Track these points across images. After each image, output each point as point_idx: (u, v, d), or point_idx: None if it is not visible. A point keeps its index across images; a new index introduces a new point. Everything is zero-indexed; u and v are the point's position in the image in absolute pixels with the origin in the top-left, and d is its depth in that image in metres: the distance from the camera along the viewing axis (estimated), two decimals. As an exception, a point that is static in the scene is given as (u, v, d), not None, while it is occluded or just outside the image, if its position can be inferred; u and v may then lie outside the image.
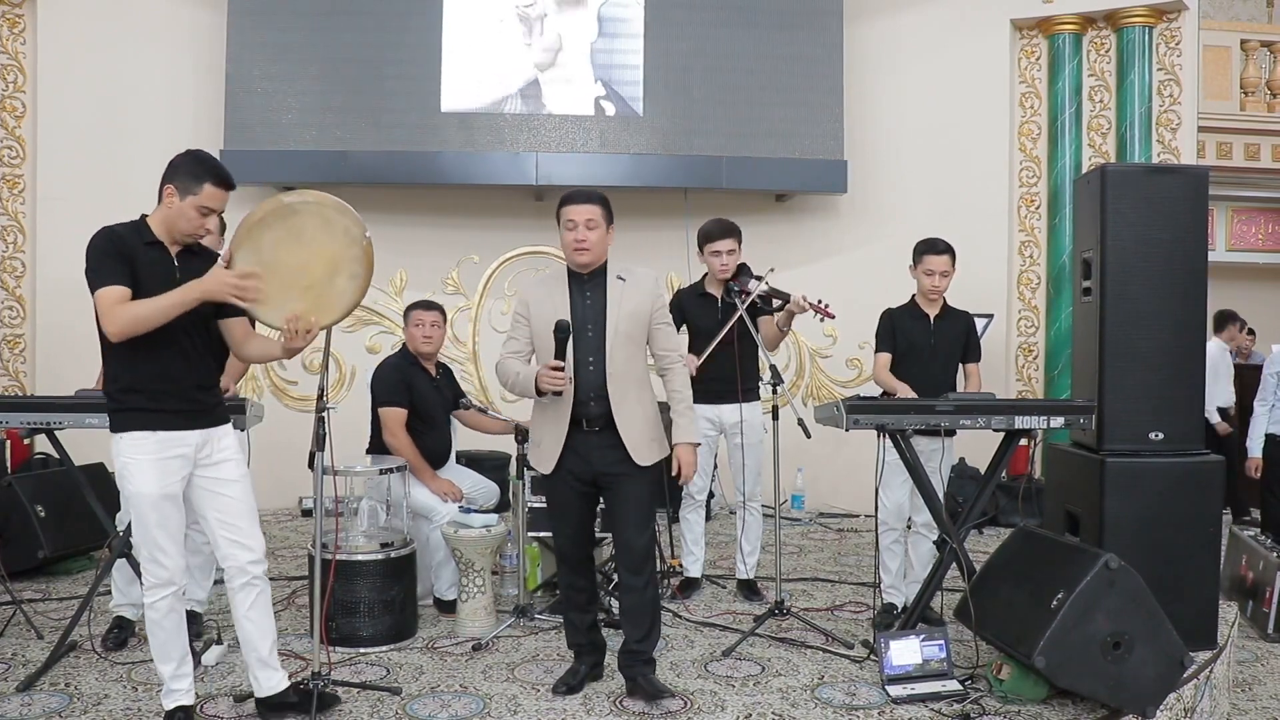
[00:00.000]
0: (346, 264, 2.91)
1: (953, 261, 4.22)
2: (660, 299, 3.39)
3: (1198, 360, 3.96)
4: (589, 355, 3.25)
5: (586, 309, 3.28)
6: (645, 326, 3.33)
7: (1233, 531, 5.08)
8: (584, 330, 3.26)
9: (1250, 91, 8.74)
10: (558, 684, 3.36)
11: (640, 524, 3.27)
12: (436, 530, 4.23)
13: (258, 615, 3.03)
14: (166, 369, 2.86)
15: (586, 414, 3.24)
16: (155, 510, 2.84)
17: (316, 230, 2.88)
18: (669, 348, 3.41)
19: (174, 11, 6.89)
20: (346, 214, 2.92)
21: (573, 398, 3.22)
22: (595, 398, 3.23)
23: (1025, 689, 3.29)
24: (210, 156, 2.95)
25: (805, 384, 7.37)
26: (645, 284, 3.35)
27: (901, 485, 4.10)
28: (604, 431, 3.24)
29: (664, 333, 3.39)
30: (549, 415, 3.29)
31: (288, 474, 5.50)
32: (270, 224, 2.86)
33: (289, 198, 2.90)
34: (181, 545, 2.93)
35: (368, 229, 2.93)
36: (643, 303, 3.31)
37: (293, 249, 2.86)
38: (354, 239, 2.90)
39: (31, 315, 6.81)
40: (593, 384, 3.23)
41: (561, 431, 3.25)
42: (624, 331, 3.26)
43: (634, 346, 3.30)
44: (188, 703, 2.99)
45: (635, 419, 3.26)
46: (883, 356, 4.28)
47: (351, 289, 2.94)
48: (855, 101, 7.12)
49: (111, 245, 2.81)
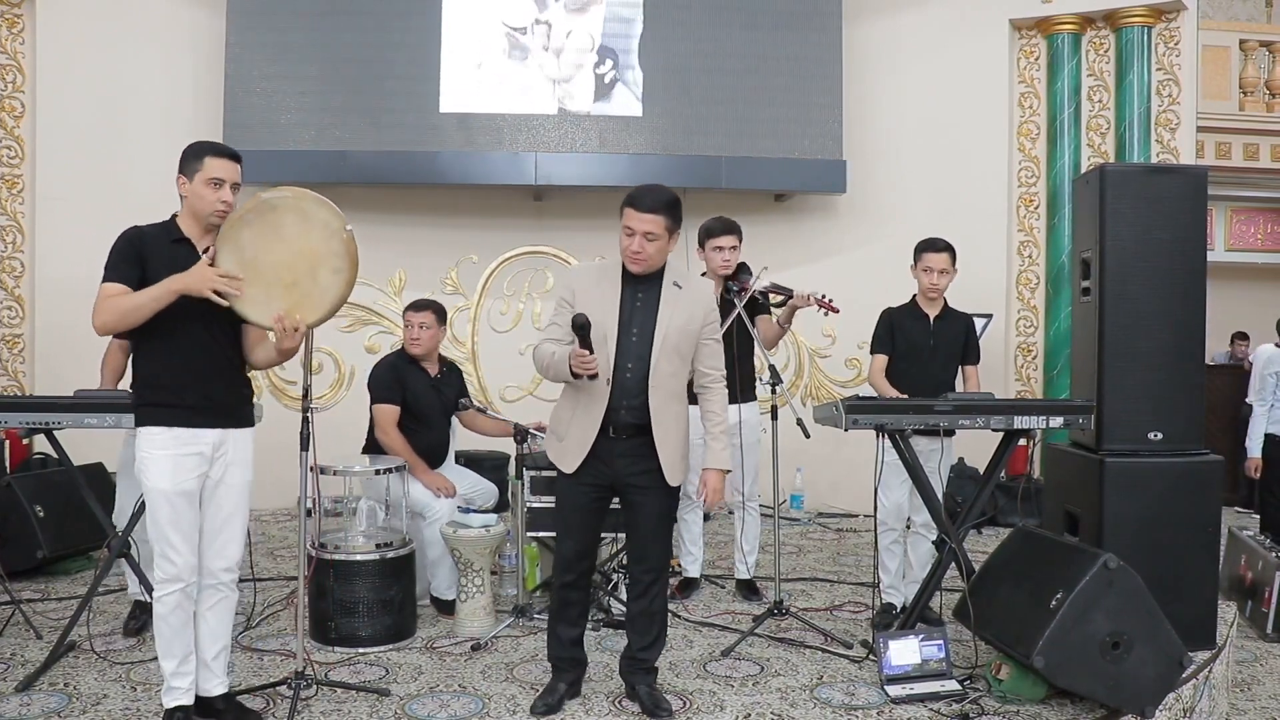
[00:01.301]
0: (328, 258, 2.87)
1: (952, 260, 4.21)
2: (713, 313, 3.24)
3: (1197, 360, 3.96)
4: (628, 360, 3.08)
5: (635, 310, 3.10)
6: (694, 341, 3.16)
7: (1232, 531, 5.08)
8: (628, 333, 3.09)
9: (1249, 91, 8.74)
10: (536, 703, 3.21)
11: (662, 538, 3.22)
12: (431, 528, 4.23)
13: (214, 618, 3.03)
14: (187, 366, 2.88)
15: (616, 421, 3.08)
16: (168, 505, 2.84)
17: (295, 225, 2.86)
18: (714, 366, 3.23)
19: (173, 11, 6.89)
20: (324, 207, 2.88)
21: (606, 401, 3.07)
22: (629, 406, 3.08)
23: (1024, 689, 3.29)
24: (206, 139, 3.02)
25: (804, 384, 7.37)
26: (702, 297, 3.20)
27: (900, 485, 4.10)
28: (632, 440, 3.10)
29: (711, 349, 3.22)
30: (578, 414, 3.12)
31: (287, 474, 5.49)
32: (249, 221, 2.84)
33: (267, 194, 2.87)
34: (194, 543, 2.91)
35: (349, 222, 2.89)
36: (695, 316, 3.14)
37: (273, 246, 2.84)
38: (334, 232, 2.86)
39: (31, 315, 6.81)
40: (628, 391, 3.08)
41: (589, 436, 3.09)
42: (673, 343, 3.10)
43: (680, 360, 3.14)
44: (187, 702, 2.97)
45: (673, 436, 3.13)
46: (879, 359, 4.27)
47: (336, 284, 2.89)
48: (854, 102, 7.12)
49: (128, 245, 2.86)
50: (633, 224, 3.06)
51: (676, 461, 3.15)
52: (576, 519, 3.21)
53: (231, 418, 2.98)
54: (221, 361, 2.95)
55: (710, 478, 3.22)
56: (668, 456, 3.12)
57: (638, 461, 3.12)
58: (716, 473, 3.22)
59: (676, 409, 3.16)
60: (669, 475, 3.13)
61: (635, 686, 3.27)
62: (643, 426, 3.10)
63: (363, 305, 7.07)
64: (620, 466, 3.13)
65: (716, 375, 3.25)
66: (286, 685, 3.22)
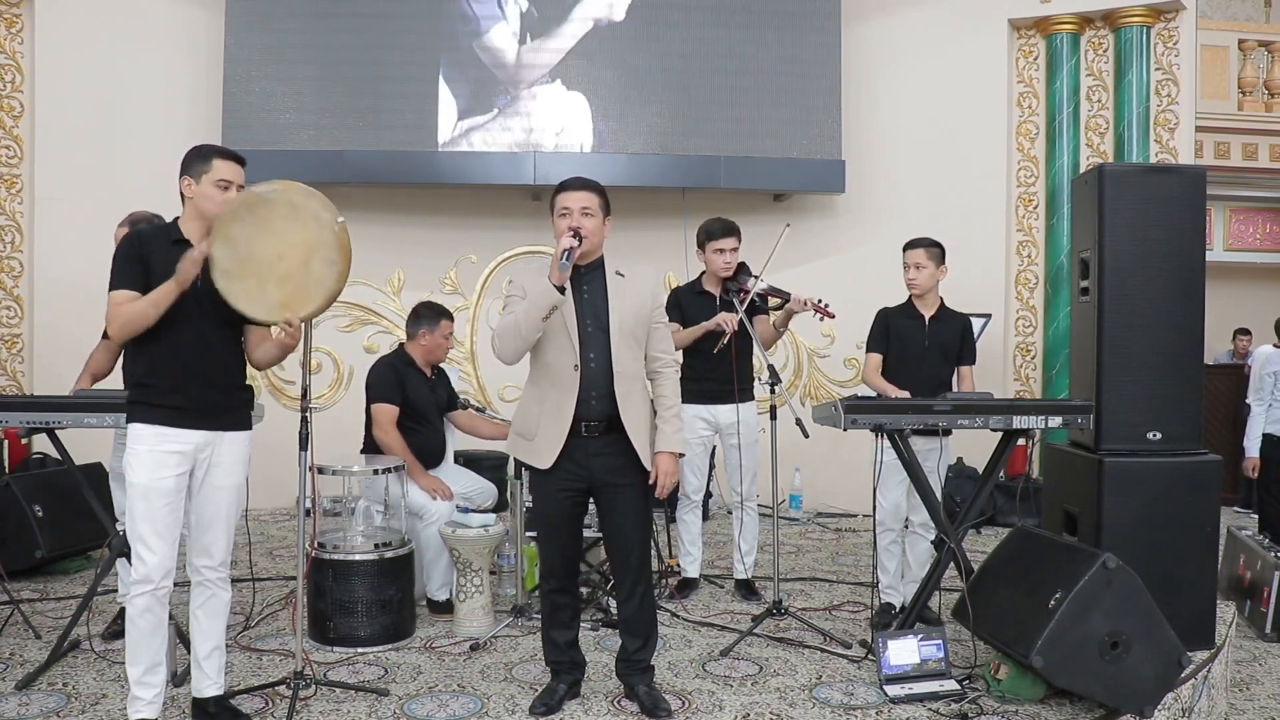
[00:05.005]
0: (320, 249, 2.86)
1: (933, 256, 4.17)
2: (660, 298, 3.31)
3: (1195, 360, 3.96)
4: (590, 351, 3.13)
5: (585, 303, 3.16)
6: (646, 325, 3.23)
7: (1230, 531, 5.09)
8: (583, 325, 3.14)
9: (1248, 91, 8.75)
10: (535, 704, 3.22)
11: (640, 537, 3.23)
12: (428, 529, 4.23)
13: (205, 616, 3.03)
14: (178, 367, 2.88)
15: (587, 413, 3.12)
16: (143, 501, 2.84)
17: (285, 218, 2.85)
18: (664, 349, 3.30)
19: (171, 11, 6.88)
20: (314, 198, 2.88)
21: (577, 391, 3.10)
22: (597, 396, 3.13)
23: (1023, 689, 3.29)
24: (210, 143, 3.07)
25: (803, 384, 7.37)
26: (646, 282, 3.27)
27: (898, 485, 4.10)
28: (604, 436, 3.14)
29: (660, 334, 3.29)
30: (547, 409, 3.14)
31: (286, 473, 5.49)
32: (240, 216, 2.85)
33: (256, 188, 2.88)
34: (170, 544, 2.87)
35: (340, 214, 2.89)
36: (644, 301, 3.22)
37: (265, 240, 2.84)
38: (324, 224, 2.86)
39: (29, 315, 6.80)
40: (594, 382, 3.12)
41: (561, 432, 3.11)
42: (628, 328, 3.16)
43: (637, 346, 3.20)
44: (150, 715, 2.90)
45: (641, 421, 3.18)
46: (873, 358, 4.27)
47: (330, 275, 2.88)
48: (853, 101, 7.12)
49: (130, 248, 2.89)
50: (569, 203, 3.14)
51: (647, 447, 3.20)
52: (558, 527, 3.23)
53: (222, 420, 2.97)
54: (215, 363, 2.94)
55: (662, 460, 3.21)
56: (640, 441, 3.17)
57: (613, 458, 3.16)
58: (669, 455, 3.22)
59: (641, 394, 3.22)
60: (644, 460, 3.17)
61: (634, 687, 3.27)
62: (612, 418, 3.14)
63: (361, 305, 7.07)
64: (596, 466, 3.15)
65: (667, 359, 3.31)
66: (285, 685, 3.22)
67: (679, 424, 3.28)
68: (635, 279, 3.24)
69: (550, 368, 3.15)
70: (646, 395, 3.26)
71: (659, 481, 3.19)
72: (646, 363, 3.28)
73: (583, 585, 4.08)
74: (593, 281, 3.20)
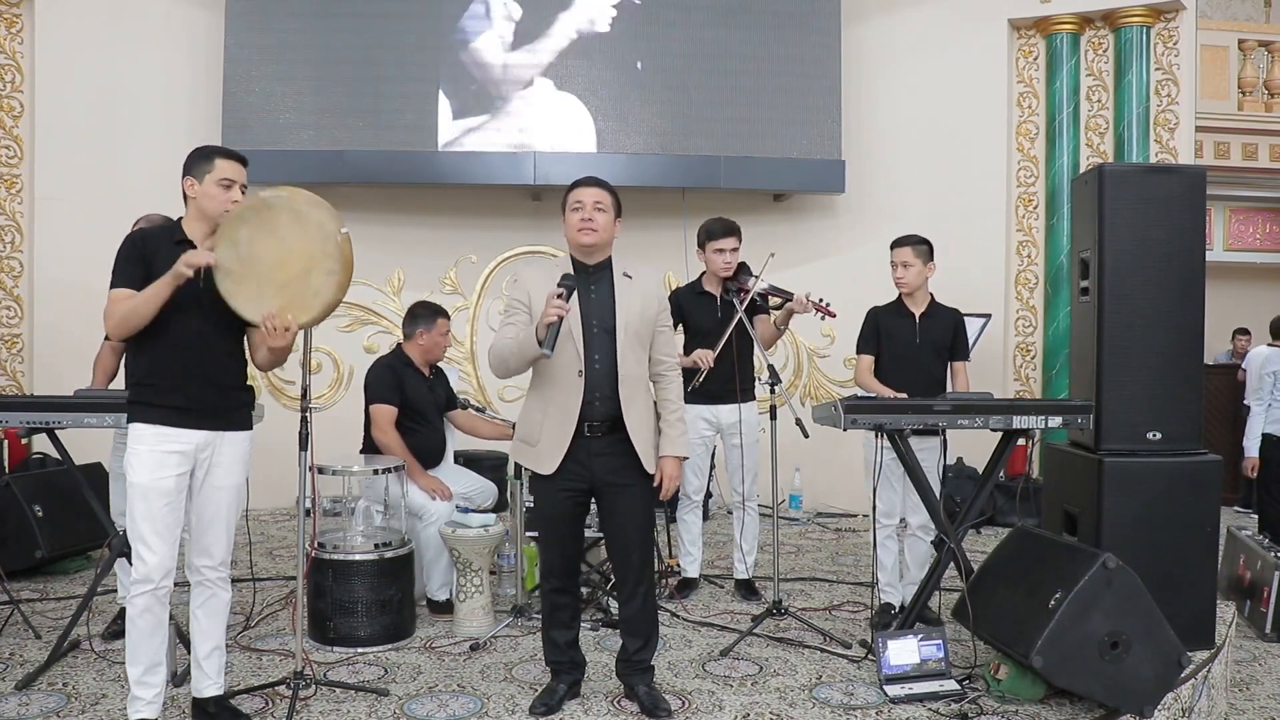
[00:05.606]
0: (322, 260, 2.86)
1: (920, 254, 4.18)
2: (665, 301, 3.30)
3: (1195, 360, 3.96)
4: (594, 353, 3.11)
5: (591, 304, 3.14)
6: (652, 327, 3.21)
7: (1230, 531, 5.09)
8: (589, 326, 3.13)
9: (1248, 91, 8.75)
10: (535, 704, 3.21)
11: (642, 538, 3.23)
12: (428, 529, 4.23)
13: (204, 616, 3.03)
14: (178, 367, 2.88)
15: (591, 415, 3.11)
16: (143, 501, 2.84)
17: (290, 225, 2.85)
18: (668, 353, 3.29)
19: (171, 11, 6.88)
20: (319, 207, 2.88)
21: (582, 395, 3.09)
22: (601, 398, 3.11)
23: (1022, 689, 3.29)
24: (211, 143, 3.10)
25: (803, 384, 7.37)
26: (651, 285, 3.26)
27: (895, 482, 4.10)
28: (607, 437, 3.13)
29: (665, 337, 3.28)
30: (551, 413, 3.13)
31: (286, 473, 5.50)
32: (246, 218, 2.85)
33: (264, 193, 2.88)
34: (170, 544, 2.87)
35: (344, 224, 2.89)
36: (650, 304, 3.21)
37: (268, 244, 2.84)
38: (328, 234, 2.86)
39: (29, 315, 6.80)
40: (598, 383, 3.11)
41: (565, 437, 3.10)
42: (634, 331, 3.15)
43: (641, 348, 3.19)
44: (150, 715, 2.90)
45: (644, 423, 3.17)
46: (864, 359, 4.26)
47: (329, 286, 2.87)
48: (853, 101, 7.12)
49: (131, 248, 2.90)
50: (582, 198, 3.15)
51: (649, 450, 3.20)
52: (559, 528, 3.23)
53: (222, 420, 2.97)
54: (215, 364, 2.94)
55: (667, 465, 3.22)
56: (643, 444, 3.16)
57: (615, 459, 3.15)
58: (674, 459, 3.23)
59: (645, 397, 3.22)
60: (646, 461, 3.17)
61: (634, 687, 3.27)
62: (616, 419, 3.13)
63: (361, 305, 7.07)
64: (598, 467, 3.15)
65: (671, 363, 3.31)
66: (285, 685, 3.22)
67: (684, 427, 3.28)
68: (641, 280, 3.24)
69: (554, 374, 3.13)
70: (649, 397, 3.25)
71: (664, 485, 3.20)
72: (650, 365, 3.27)
73: (583, 585, 4.09)
74: (600, 282, 3.19)
